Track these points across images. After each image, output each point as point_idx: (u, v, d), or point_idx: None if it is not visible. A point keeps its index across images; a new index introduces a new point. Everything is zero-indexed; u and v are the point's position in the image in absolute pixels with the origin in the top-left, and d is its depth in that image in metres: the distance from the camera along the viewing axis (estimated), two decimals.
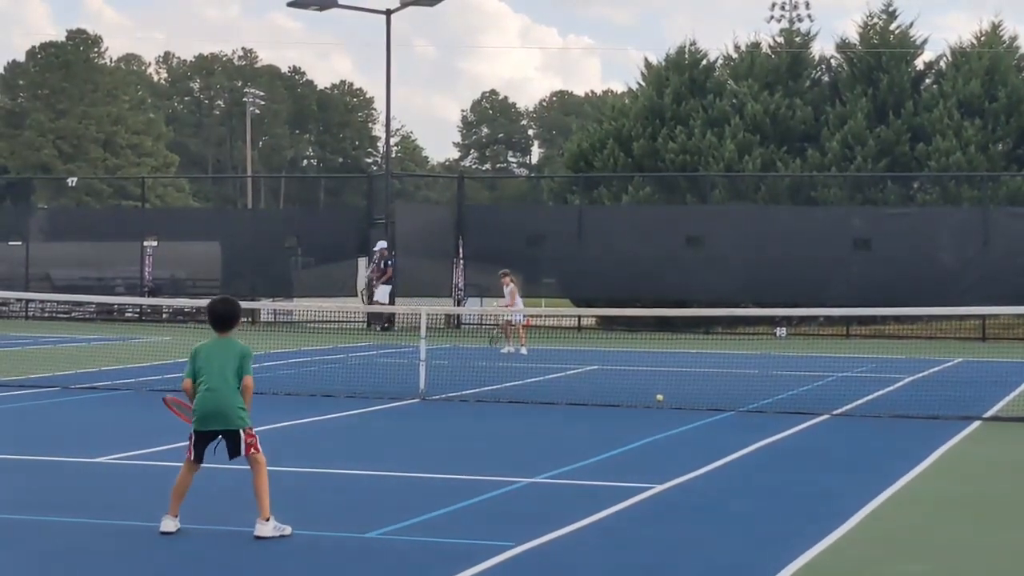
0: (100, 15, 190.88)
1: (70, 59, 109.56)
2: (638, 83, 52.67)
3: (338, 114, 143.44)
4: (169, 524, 11.20)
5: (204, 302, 40.45)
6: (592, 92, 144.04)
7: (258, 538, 11.00)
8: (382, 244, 41.21)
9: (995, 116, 46.75)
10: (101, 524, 11.64)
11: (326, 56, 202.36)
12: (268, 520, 11.10)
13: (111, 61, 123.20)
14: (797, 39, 51.70)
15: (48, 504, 12.49)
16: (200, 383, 11.35)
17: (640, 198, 47.51)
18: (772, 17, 76.43)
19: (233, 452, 11.44)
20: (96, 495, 13.21)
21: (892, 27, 50.07)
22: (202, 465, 11.58)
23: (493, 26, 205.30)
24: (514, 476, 14.08)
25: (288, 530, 11.13)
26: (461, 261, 43.12)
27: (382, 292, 40.66)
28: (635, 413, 20.03)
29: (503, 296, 33.16)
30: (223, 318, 11.54)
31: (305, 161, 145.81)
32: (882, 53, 48.77)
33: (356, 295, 42.03)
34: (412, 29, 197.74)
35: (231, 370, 11.32)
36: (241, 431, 11.36)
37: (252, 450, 11.37)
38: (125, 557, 10.65)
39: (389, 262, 41.00)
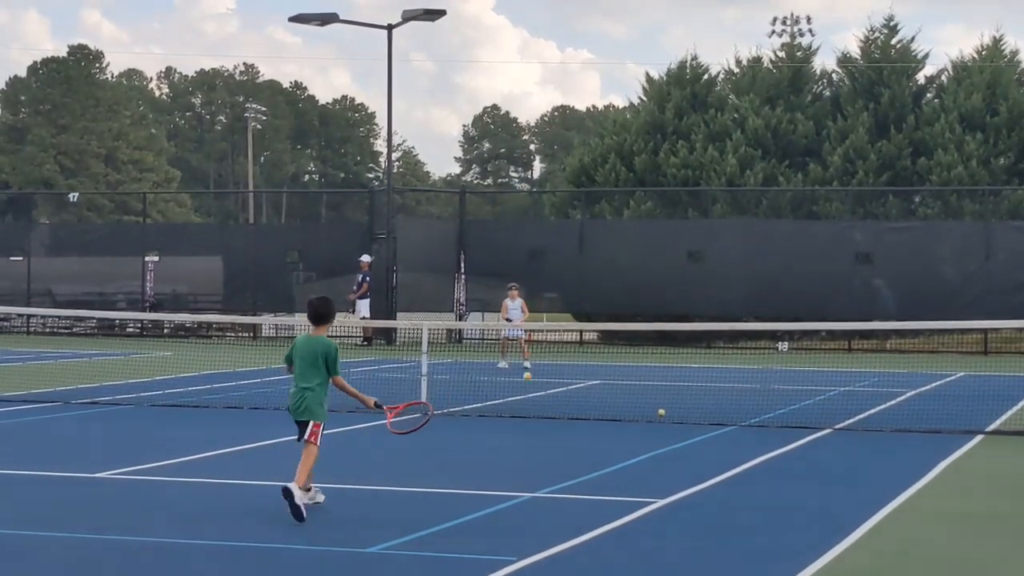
0: (99, 30, 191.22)
1: (71, 74, 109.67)
2: (640, 98, 52.73)
3: (339, 129, 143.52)
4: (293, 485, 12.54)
5: (205, 317, 40.39)
6: (593, 107, 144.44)
7: (285, 489, 12.31)
8: (363, 258, 41.04)
9: (996, 130, 46.75)
10: (103, 539, 11.63)
11: (325, 71, 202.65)
12: (299, 487, 12.46)
13: (112, 76, 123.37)
14: (798, 53, 51.70)
15: (49, 520, 12.46)
16: (295, 373, 13.09)
17: (642, 213, 47.50)
18: (773, 31, 76.15)
19: (301, 436, 12.92)
20: (97, 510, 13.20)
21: (893, 42, 50.08)
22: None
23: (491, 40, 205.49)
24: (515, 491, 14.07)
25: (321, 497, 12.98)
26: (463, 276, 43.08)
27: (363, 307, 40.54)
28: (637, 428, 20.01)
29: (511, 309, 32.88)
30: (315, 314, 13.23)
31: (307, 176, 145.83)
32: (883, 67, 48.80)
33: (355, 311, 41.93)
34: (411, 43, 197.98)
35: (314, 367, 12.89)
36: (310, 423, 12.82)
37: (311, 439, 12.77)
38: (126, 572, 10.63)
39: (366, 277, 40.81)
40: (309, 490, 12.87)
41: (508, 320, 32.80)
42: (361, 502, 13.80)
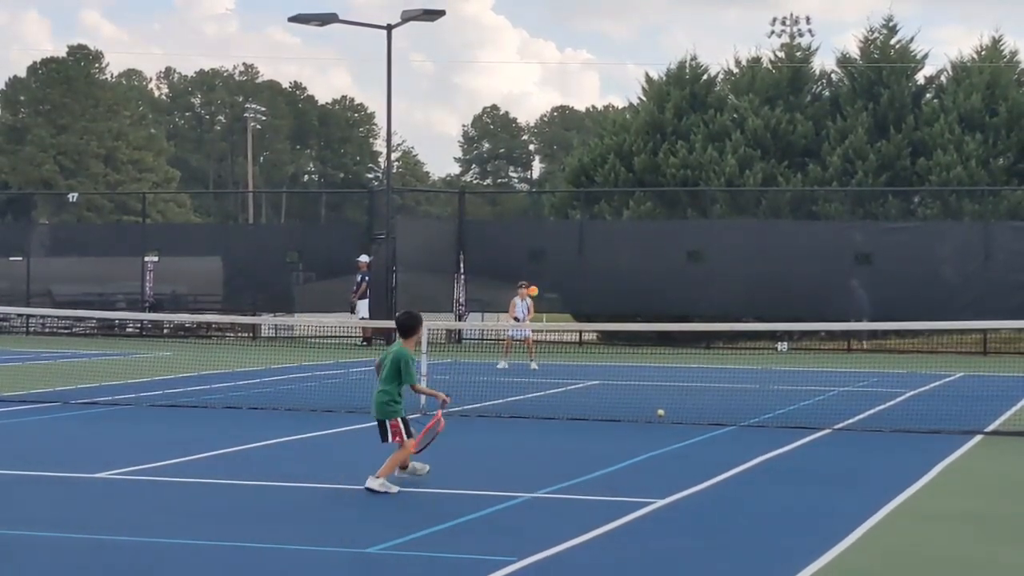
0: (98, 30, 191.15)
1: (71, 75, 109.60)
2: (639, 98, 52.69)
3: (339, 129, 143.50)
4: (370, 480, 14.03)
5: (205, 317, 40.49)
6: (592, 107, 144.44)
7: (368, 489, 13.79)
8: (361, 258, 41.06)
9: (996, 130, 46.73)
10: (102, 540, 11.62)
11: (325, 71, 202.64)
12: (379, 478, 13.90)
13: (112, 76, 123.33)
14: (798, 54, 51.67)
15: (48, 520, 12.47)
16: None
17: (641, 213, 47.48)
18: (772, 32, 76.32)
19: (383, 437, 14.37)
20: (96, 511, 13.20)
21: (893, 42, 50.05)
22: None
23: (491, 41, 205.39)
24: (515, 491, 14.07)
25: (395, 489, 13.82)
26: (462, 276, 43.09)
27: (361, 307, 40.58)
28: (636, 428, 20.02)
29: (518, 308, 32.86)
30: (399, 327, 14.79)
31: (306, 176, 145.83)
32: (883, 68, 48.79)
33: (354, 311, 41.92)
34: (410, 44, 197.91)
35: (390, 373, 14.24)
36: (387, 421, 14.28)
37: (396, 438, 14.23)
38: (125, 573, 10.63)
39: (365, 277, 40.81)
40: (406, 467, 14.50)
41: (516, 320, 32.68)
42: (361, 502, 13.80)
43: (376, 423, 14.46)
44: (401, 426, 14.29)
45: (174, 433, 18.97)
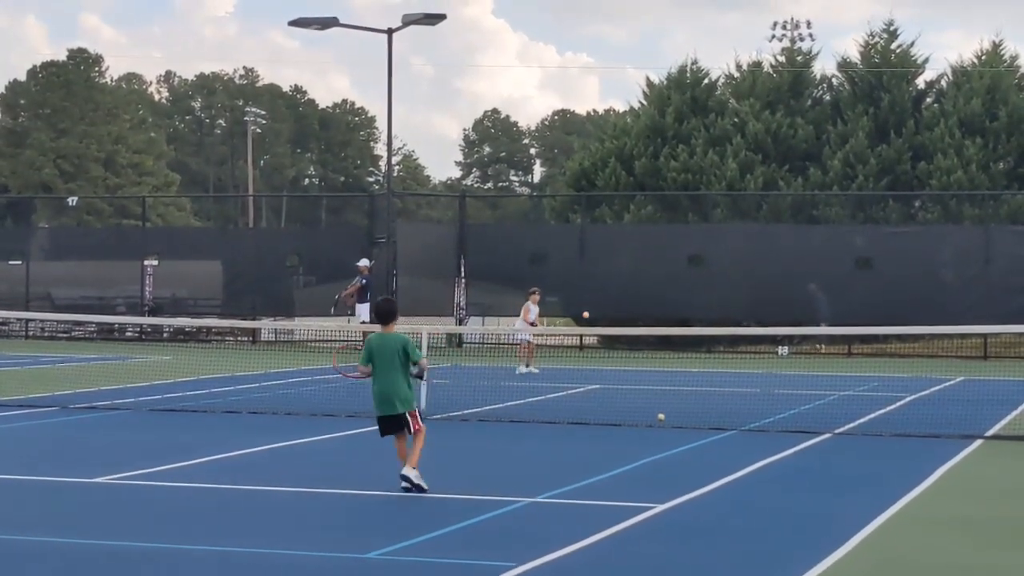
0: (98, 33, 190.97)
1: (71, 78, 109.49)
2: (640, 102, 52.71)
3: (340, 133, 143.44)
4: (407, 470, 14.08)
5: (205, 321, 40.35)
6: (593, 111, 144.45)
7: (403, 476, 13.87)
8: (362, 262, 40.99)
9: (996, 135, 46.74)
10: (99, 545, 11.61)
11: (325, 75, 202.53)
12: (414, 468, 13.92)
13: (112, 80, 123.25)
14: (799, 58, 51.70)
15: (46, 525, 12.45)
16: (374, 372, 14.28)
17: (642, 217, 47.47)
18: (773, 36, 76.57)
19: (393, 429, 14.24)
20: (96, 515, 13.18)
21: (893, 46, 50.09)
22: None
23: (491, 44, 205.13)
24: (515, 496, 14.05)
25: (425, 487, 13.80)
26: (463, 280, 43.05)
27: (362, 311, 40.44)
28: (637, 432, 19.99)
29: (532, 312, 32.73)
30: (384, 314, 14.66)
31: (306, 180, 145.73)
32: (883, 72, 48.81)
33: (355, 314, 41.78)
34: (411, 48, 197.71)
35: (397, 360, 14.14)
36: (406, 414, 14.15)
37: (417, 425, 14.14)
38: None
39: (363, 279, 40.69)
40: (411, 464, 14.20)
41: (532, 324, 32.53)
42: (360, 507, 13.79)
43: (385, 418, 14.27)
44: (418, 412, 14.50)
45: (174, 438, 18.94)
